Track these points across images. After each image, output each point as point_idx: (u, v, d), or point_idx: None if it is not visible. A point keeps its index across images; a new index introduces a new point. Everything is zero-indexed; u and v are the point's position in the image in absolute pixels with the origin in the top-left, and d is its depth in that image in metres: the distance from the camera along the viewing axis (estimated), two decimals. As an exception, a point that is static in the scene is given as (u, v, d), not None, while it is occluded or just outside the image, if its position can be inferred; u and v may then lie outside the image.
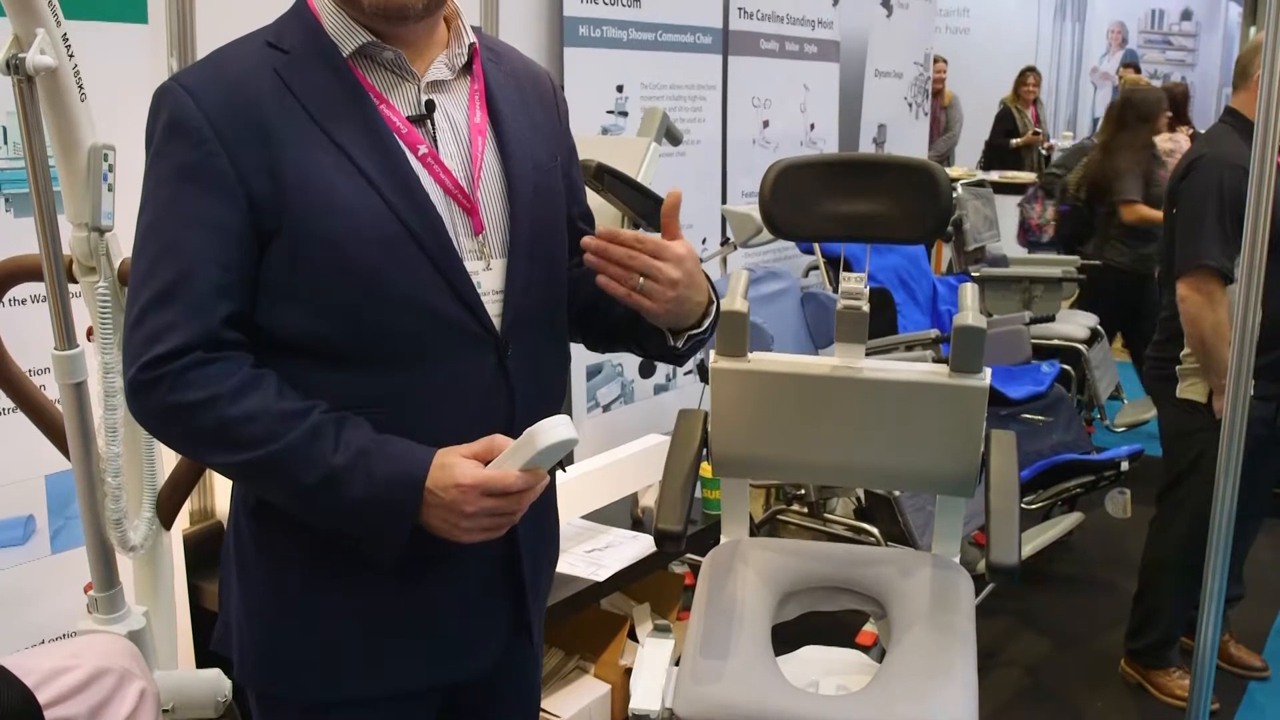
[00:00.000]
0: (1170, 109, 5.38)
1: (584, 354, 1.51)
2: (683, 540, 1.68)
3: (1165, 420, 2.95)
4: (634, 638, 2.66)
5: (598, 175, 2.26)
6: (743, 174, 4.03)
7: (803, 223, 1.86)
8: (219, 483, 2.32)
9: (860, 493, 3.30)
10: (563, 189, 1.38)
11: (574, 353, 1.46)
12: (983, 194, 5.23)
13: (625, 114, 3.40)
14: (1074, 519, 3.63)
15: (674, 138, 2.94)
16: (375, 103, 1.21)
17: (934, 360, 3.14)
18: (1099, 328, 4.71)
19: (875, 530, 3.15)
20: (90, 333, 1.71)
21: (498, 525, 1.19)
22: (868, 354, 1.84)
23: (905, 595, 1.82)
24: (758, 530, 3.25)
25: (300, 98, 1.18)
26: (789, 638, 1.92)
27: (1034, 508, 3.41)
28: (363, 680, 1.28)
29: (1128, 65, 9.78)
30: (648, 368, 3.58)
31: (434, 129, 1.25)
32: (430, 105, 1.25)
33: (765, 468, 2.04)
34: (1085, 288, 4.78)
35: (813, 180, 1.82)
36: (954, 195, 3.08)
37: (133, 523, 1.74)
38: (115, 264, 1.65)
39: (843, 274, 1.82)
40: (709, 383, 1.86)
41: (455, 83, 1.28)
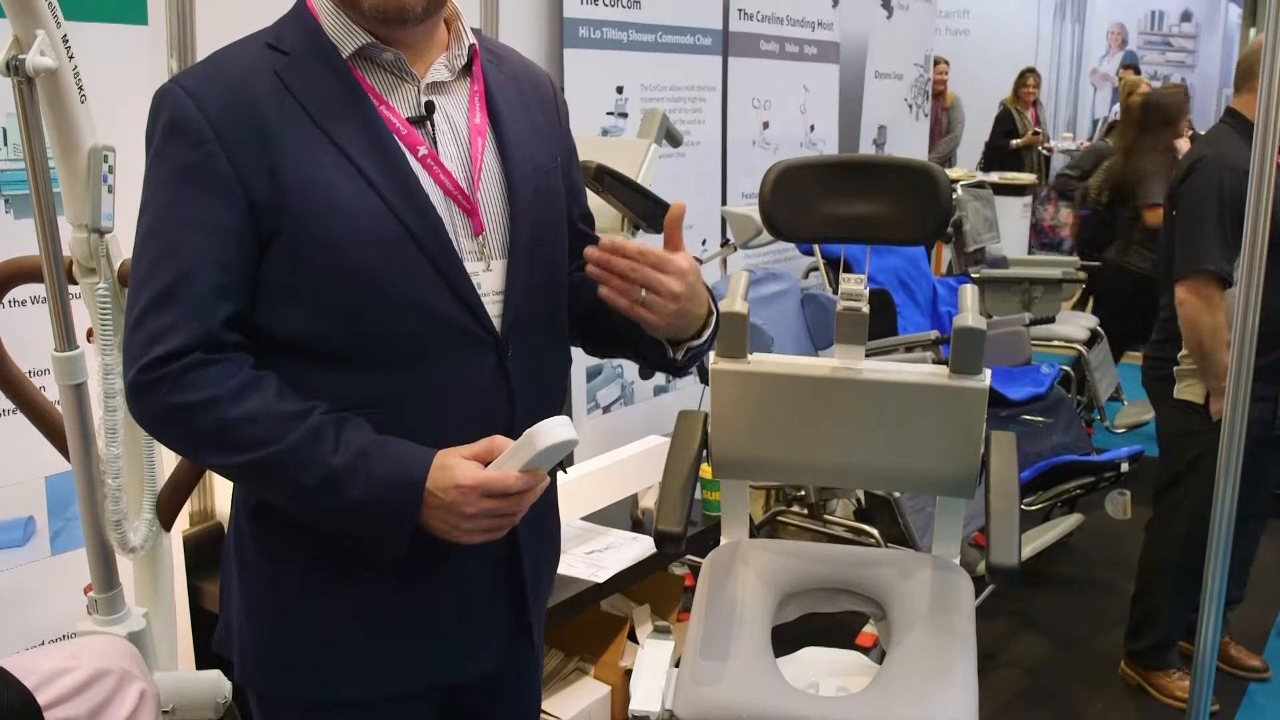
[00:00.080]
0: None
1: (584, 355, 1.51)
2: (683, 541, 1.68)
3: (1163, 421, 2.96)
4: (634, 639, 2.66)
5: (598, 176, 2.26)
6: (743, 175, 4.03)
7: (803, 224, 1.86)
8: (219, 484, 2.32)
9: (860, 494, 3.29)
10: (563, 190, 1.38)
11: (574, 354, 1.46)
12: (982, 195, 5.23)
13: (625, 115, 3.40)
14: (1074, 520, 3.63)
15: (674, 139, 2.94)
16: (375, 104, 1.21)
17: (934, 361, 3.14)
18: (1099, 329, 4.71)
19: (875, 531, 3.15)
20: (90, 334, 1.71)
21: (498, 526, 1.19)
22: (867, 355, 1.84)
23: (905, 596, 1.82)
24: (758, 532, 3.25)
25: (300, 99, 1.18)
26: (789, 639, 1.92)
27: (1034, 509, 3.41)
28: (363, 681, 1.28)
29: (1127, 66, 9.78)
30: (647, 370, 3.57)
31: (434, 130, 1.25)
32: (430, 106, 1.25)
33: (765, 469, 2.04)
34: (1103, 291, 4.74)
35: (813, 181, 1.82)
36: (954, 197, 3.08)
37: (133, 524, 1.74)
38: (115, 265, 1.65)
39: (843, 275, 1.82)
40: (709, 384, 1.86)
41: (455, 84, 1.28)
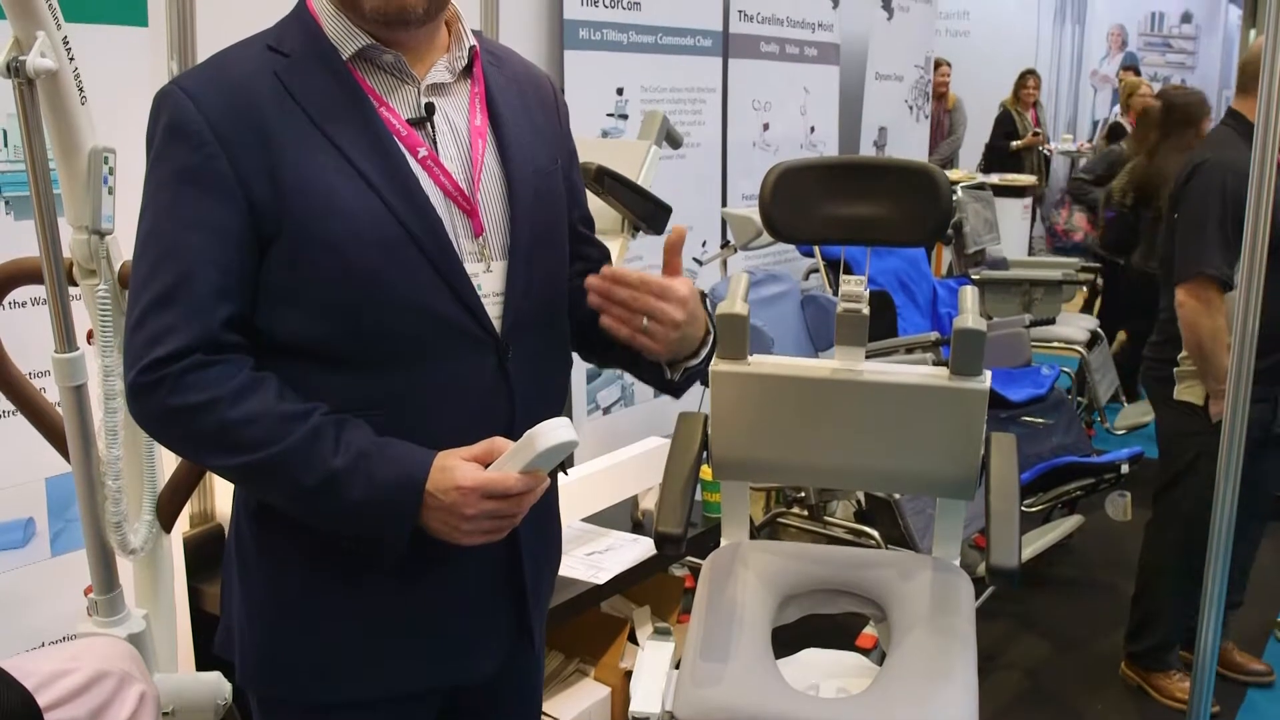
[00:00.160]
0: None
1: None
2: (683, 543, 1.68)
3: (1163, 422, 2.96)
4: (634, 640, 2.66)
5: (598, 178, 2.26)
6: (743, 177, 4.03)
7: (803, 225, 1.86)
8: (219, 485, 2.32)
9: (860, 495, 3.29)
10: (563, 192, 1.38)
11: (574, 355, 1.46)
12: (983, 197, 5.23)
13: (625, 117, 3.40)
14: (1074, 522, 3.63)
15: (674, 141, 2.94)
16: (375, 105, 1.21)
17: (934, 363, 3.15)
18: (1099, 330, 4.70)
19: (875, 533, 3.15)
20: (90, 336, 1.71)
21: (498, 528, 1.19)
22: (868, 357, 1.84)
23: (905, 598, 1.82)
24: (758, 533, 3.24)
25: (300, 101, 1.18)
26: (789, 640, 1.91)
27: (1034, 510, 3.41)
28: (363, 682, 1.28)
29: (1127, 68, 9.78)
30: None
31: (434, 131, 1.25)
32: (430, 108, 1.25)
33: (765, 470, 2.03)
34: (1126, 295, 4.71)
35: (813, 183, 1.82)
36: (954, 198, 3.08)
37: (133, 525, 1.73)
38: (115, 267, 1.65)
39: (843, 277, 1.82)
40: (709, 385, 1.86)
41: (455, 86, 1.28)
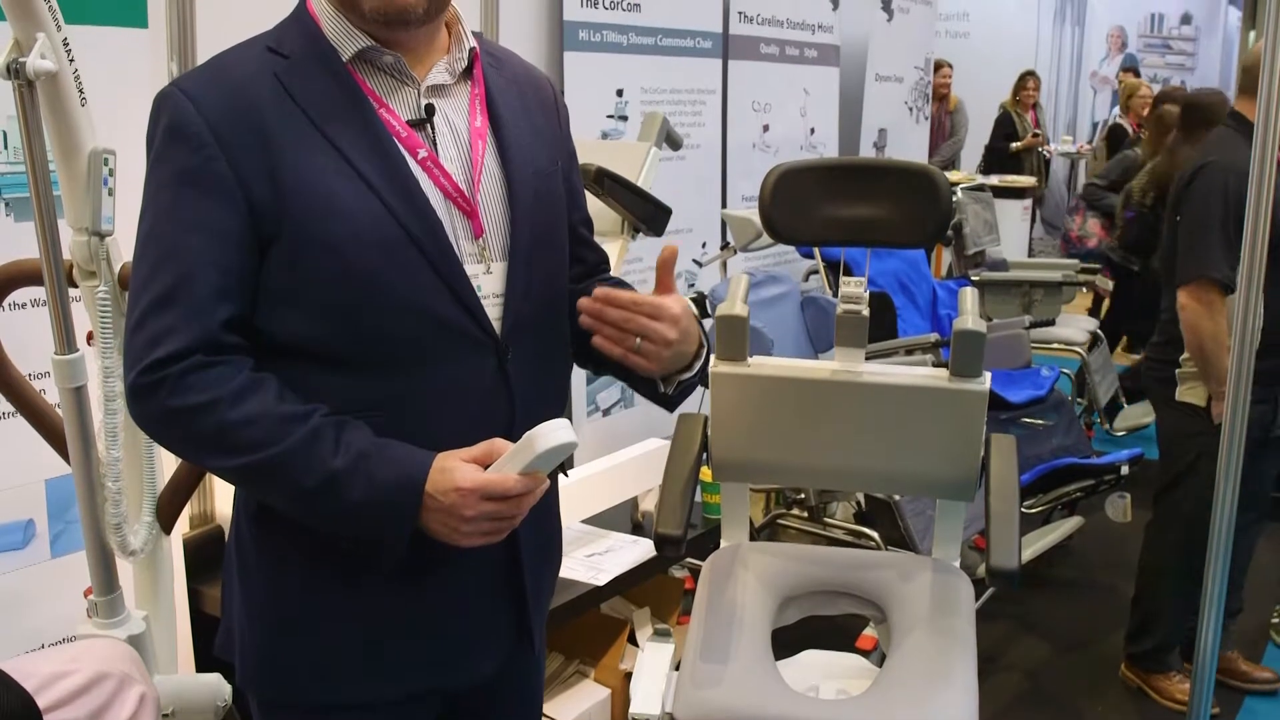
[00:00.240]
0: None
1: (584, 358, 1.51)
2: (683, 544, 1.67)
3: (1164, 423, 2.96)
4: (634, 642, 2.66)
5: (598, 180, 2.26)
6: (743, 178, 4.03)
7: (803, 227, 1.86)
8: (219, 487, 2.32)
9: (860, 497, 3.29)
10: (563, 194, 1.38)
11: (573, 357, 1.46)
12: (982, 198, 5.23)
13: (625, 118, 3.40)
14: (1074, 523, 3.63)
15: (674, 142, 2.94)
16: (375, 107, 1.21)
17: (934, 364, 3.15)
18: (1098, 332, 4.70)
19: (875, 534, 3.15)
20: (90, 337, 1.71)
21: (497, 529, 1.19)
22: (867, 358, 1.84)
23: (905, 599, 1.81)
24: (758, 534, 3.25)
25: (300, 102, 1.18)
26: (789, 642, 1.91)
27: (1034, 512, 3.41)
28: (363, 684, 1.28)
29: (1127, 69, 9.78)
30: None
31: (434, 133, 1.25)
32: (430, 109, 1.25)
33: (765, 472, 2.03)
34: (1143, 298, 4.68)
35: (813, 185, 1.82)
36: (953, 200, 3.08)
37: (133, 527, 1.73)
38: (115, 268, 1.65)
39: (842, 278, 1.82)
40: (709, 387, 1.86)
41: (456, 87, 1.29)
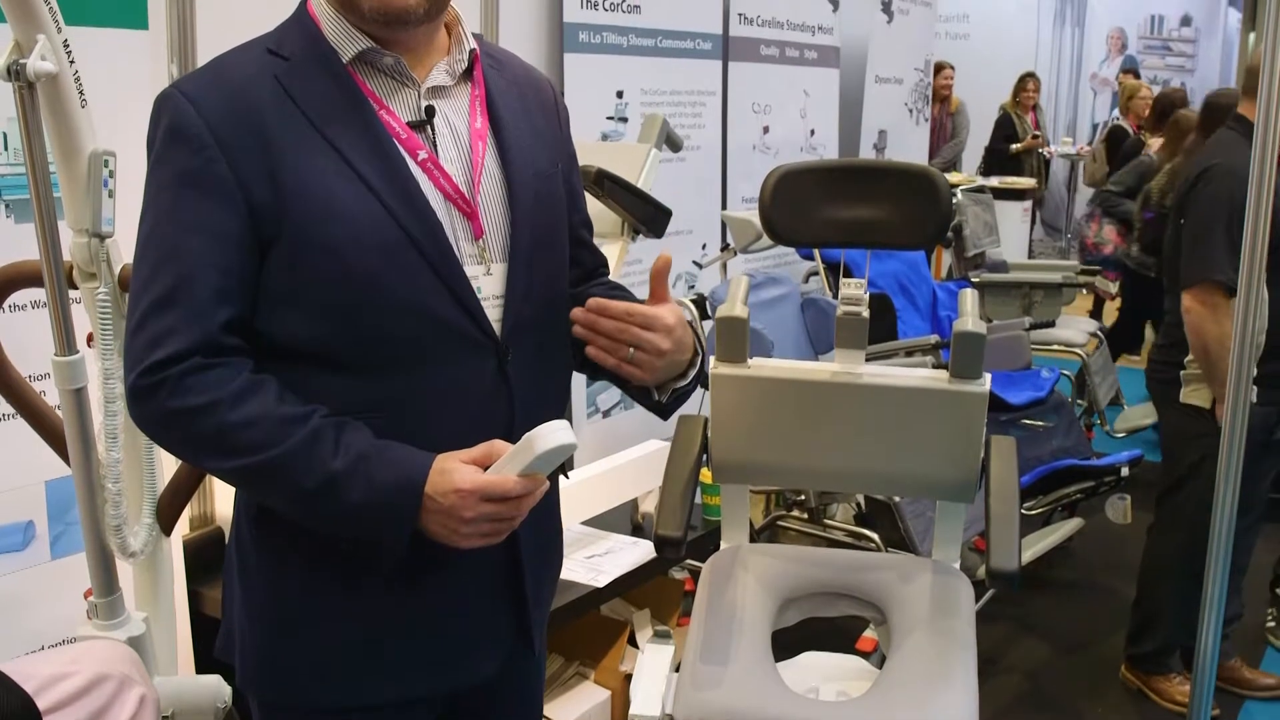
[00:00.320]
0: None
1: (584, 359, 1.50)
2: (683, 546, 1.68)
3: (1167, 424, 2.95)
4: (634, 644, 2.66)
5: (598, 181, 2.26)
6: (743, 180, 4.03)
7: (803, 228, 1.86)
8: (219, 488, 2.32)
9: (860, 498, 3.29)
10: (563, 195, 1.38)
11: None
12: (983, 200, 5.23)
13: (625, 120, 3.40)
14: (1074, 524, 3.62)
15: (674, 144, 2.94)
16: (375, 108, 1.21)
17: (934, 366, 3.14)
18: (1098, 333, 4.70)
19: (875, 536, 3.15)
20: (90, 338, 1.71)
21: (497, 531, 1.19)
22: (868, 360, 1.84)
23: (905, 601, 1.81)
24: (758, 536, 3.24)
25: (300, 104, 1.18)
26: (789, 644, 1.91)
27: (1034, 513, 3.41)
28: (363, 685, 1.28)
29: (1127, 71, 9.77)
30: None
31: (434, 134, 1.25)
32: (430, 111, 1.25)
33: (765, 473, 2.03)
34: (1157, 301, 4.67)
35: (813, 186, 1.82)
36: (954, 201, 3.08)
37: (133, 528, 1.73)
38: (115, 270, 1.65)
39: (843, 280, 1.82)
40: (709, 388, 1.86)
41: (456, 88, 1.29)
